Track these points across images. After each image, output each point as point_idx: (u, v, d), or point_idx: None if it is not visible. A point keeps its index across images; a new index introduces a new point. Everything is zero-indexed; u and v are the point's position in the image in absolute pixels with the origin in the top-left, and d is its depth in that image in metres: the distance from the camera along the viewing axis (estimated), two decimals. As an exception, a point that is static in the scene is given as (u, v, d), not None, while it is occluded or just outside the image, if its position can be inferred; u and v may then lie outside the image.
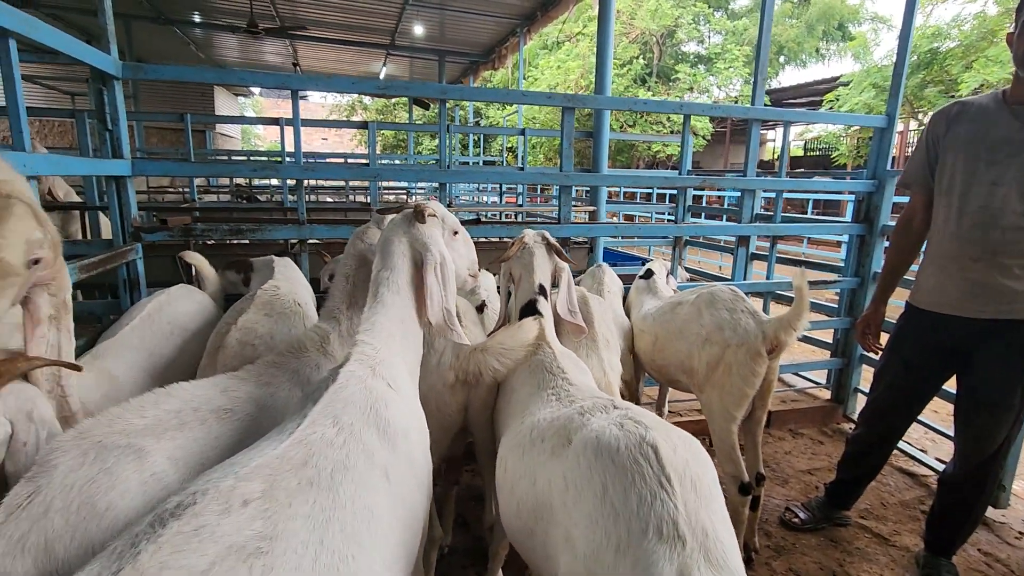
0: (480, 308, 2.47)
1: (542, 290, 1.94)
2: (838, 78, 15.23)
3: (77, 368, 1.37)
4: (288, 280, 2.34)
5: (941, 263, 2.13)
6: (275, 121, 5.62)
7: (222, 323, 1.99)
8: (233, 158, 9.72)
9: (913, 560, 2.37)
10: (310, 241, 2.88)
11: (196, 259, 2.58)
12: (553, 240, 2.06)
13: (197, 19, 10.15)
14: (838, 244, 9.44)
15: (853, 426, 2.90)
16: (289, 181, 6.02)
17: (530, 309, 1.90)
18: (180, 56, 12.67)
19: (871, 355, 2.96)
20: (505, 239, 4.52)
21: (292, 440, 1.00)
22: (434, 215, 1.59)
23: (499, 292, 2.77)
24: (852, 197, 5.55)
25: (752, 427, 2.49)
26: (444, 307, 1.46)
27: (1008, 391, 2.04)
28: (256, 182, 9.39)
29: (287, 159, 6.60)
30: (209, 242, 4.00)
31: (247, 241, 4.17)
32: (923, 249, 2.34)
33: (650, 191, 11.32)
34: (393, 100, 21.71)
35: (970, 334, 2.07)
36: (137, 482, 1.07)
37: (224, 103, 18.22)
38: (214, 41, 12.16)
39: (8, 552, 0.92)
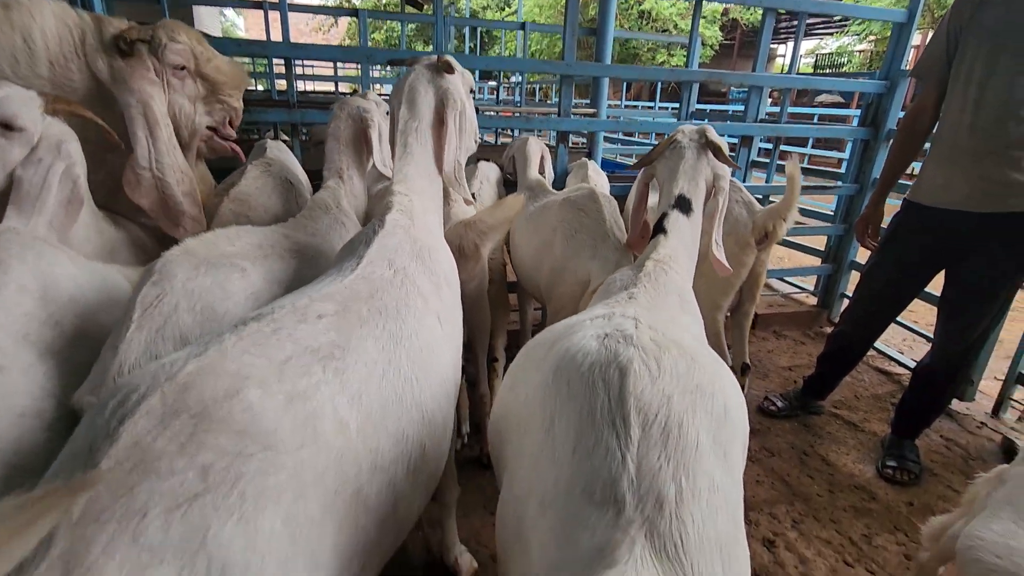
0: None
1: (680, 202, 1.59)
2: (859, -16, 14.25)
3: None
4: (279, 161, 2.29)
5: (952, 157, 2.07)
6: (259, 5, 5.25)
7: (213, 195, 1.97)
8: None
9: (879, 442, 2.54)
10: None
11: None
12: (716, 137, 1.66)
13: None
14: (840, 162, 9.28)
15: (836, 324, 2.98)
16: (277, 66, 5.73)
17: (658, 227, 1.55)
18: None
19: (862, 258, 2.98)
20: (503, 131, 4.35)
21: (355, 276, 1.03)
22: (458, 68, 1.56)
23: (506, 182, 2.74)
24: (859, 112, 5.38)
25: (740, 320, 2.56)
26: (456, 159, 1.47)
27: (998, 281, 2.08)
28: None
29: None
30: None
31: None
32: (927, 146, 2.29)
33: (651, 105, 10.95)
34: (383, 1, 20.29)
35: (971, 228, 2.06)
36: (244, 296, 1.21)
37: (207, 18, 16.92)
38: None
39: (154, 339, 1.09)
